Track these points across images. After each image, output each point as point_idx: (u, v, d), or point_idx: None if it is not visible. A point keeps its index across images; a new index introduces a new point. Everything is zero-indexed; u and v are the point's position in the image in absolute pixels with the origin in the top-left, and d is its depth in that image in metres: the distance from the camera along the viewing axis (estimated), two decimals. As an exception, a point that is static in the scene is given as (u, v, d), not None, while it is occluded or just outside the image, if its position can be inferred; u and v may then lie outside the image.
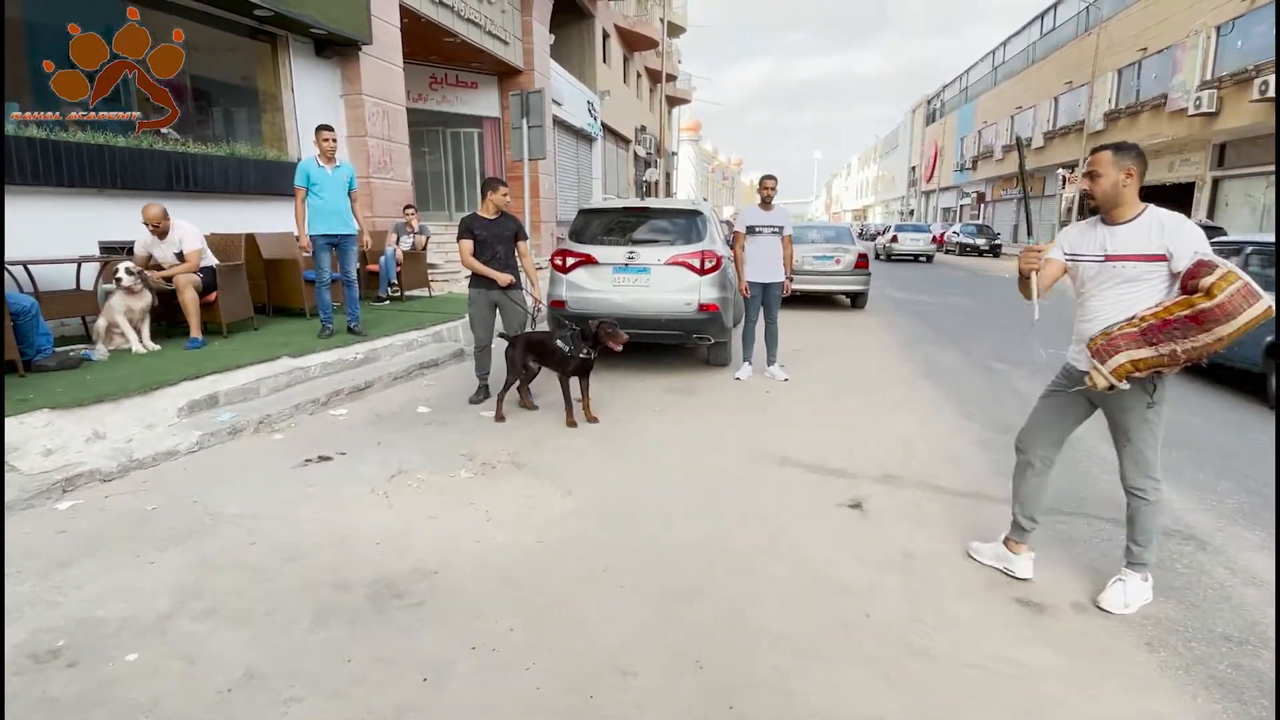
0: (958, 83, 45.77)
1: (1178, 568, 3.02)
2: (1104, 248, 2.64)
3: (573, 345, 4.89)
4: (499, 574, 2.90)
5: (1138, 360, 2.47)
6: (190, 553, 3.05)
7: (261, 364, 5.47)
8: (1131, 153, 2.59)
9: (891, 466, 4.21)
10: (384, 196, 10.35)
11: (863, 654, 2.41)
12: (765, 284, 6.25)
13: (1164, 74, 21.80)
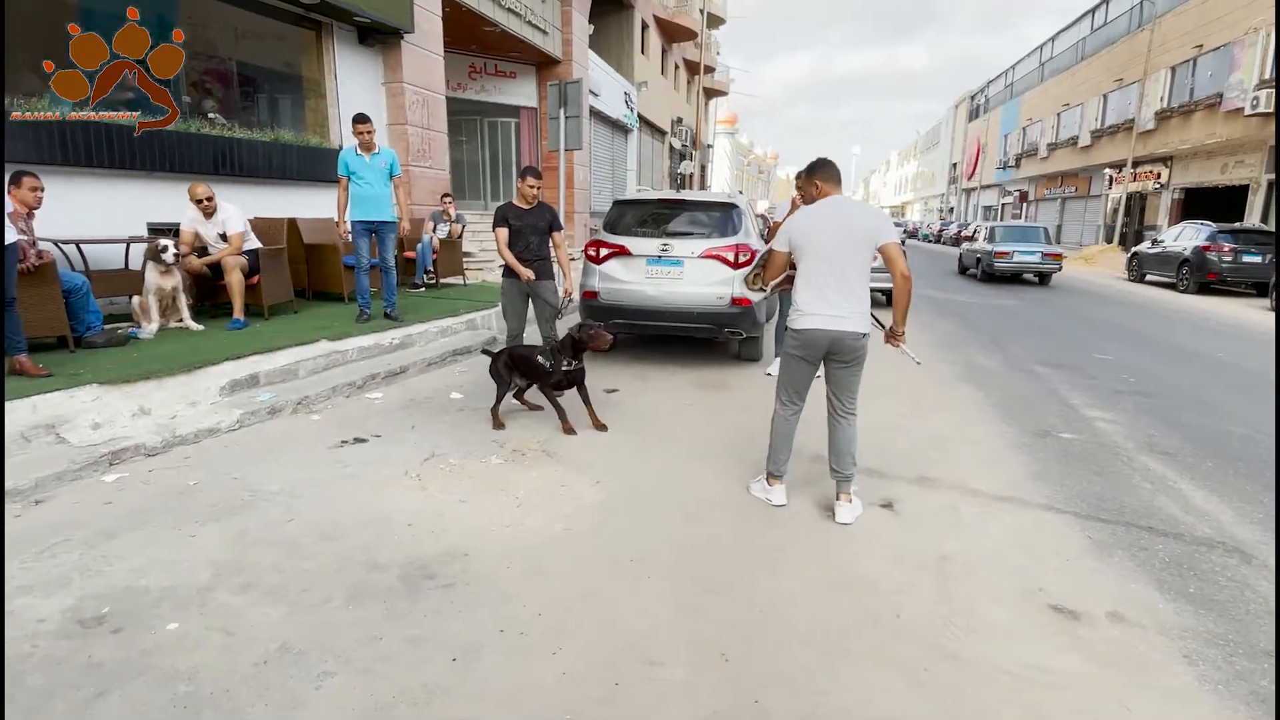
0: (1003, 78, 44.72)
1: (1220, 580, 2.94)
2: None
3: (552, 359, 4.62)
4: (528, 559, 2.93)
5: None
6: (230, 528, 3.13)
7: (301, 346, 5.59)
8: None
9: (926, 468, 4.15)
10: (422, 185, 10.47)
11: (891, 655, 2.38)
12: None
13: (1220, 72, 21.05)
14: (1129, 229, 27.32)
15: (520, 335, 5.44)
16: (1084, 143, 30.44)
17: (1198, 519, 3.53)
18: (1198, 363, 7.69)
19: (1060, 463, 4.32)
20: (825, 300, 3.31)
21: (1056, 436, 4.85)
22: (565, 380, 4.64)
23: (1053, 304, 13.01)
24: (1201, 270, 15.21)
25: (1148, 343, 8.91)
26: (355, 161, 6.37)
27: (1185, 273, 15.71)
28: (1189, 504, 3.72)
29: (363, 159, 6.37)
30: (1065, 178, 34.01)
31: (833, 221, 3.28)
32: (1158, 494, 3.86)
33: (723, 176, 62.52)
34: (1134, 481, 4.05)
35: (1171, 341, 9.08)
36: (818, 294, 3.33)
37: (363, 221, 6.46)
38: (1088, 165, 30.65)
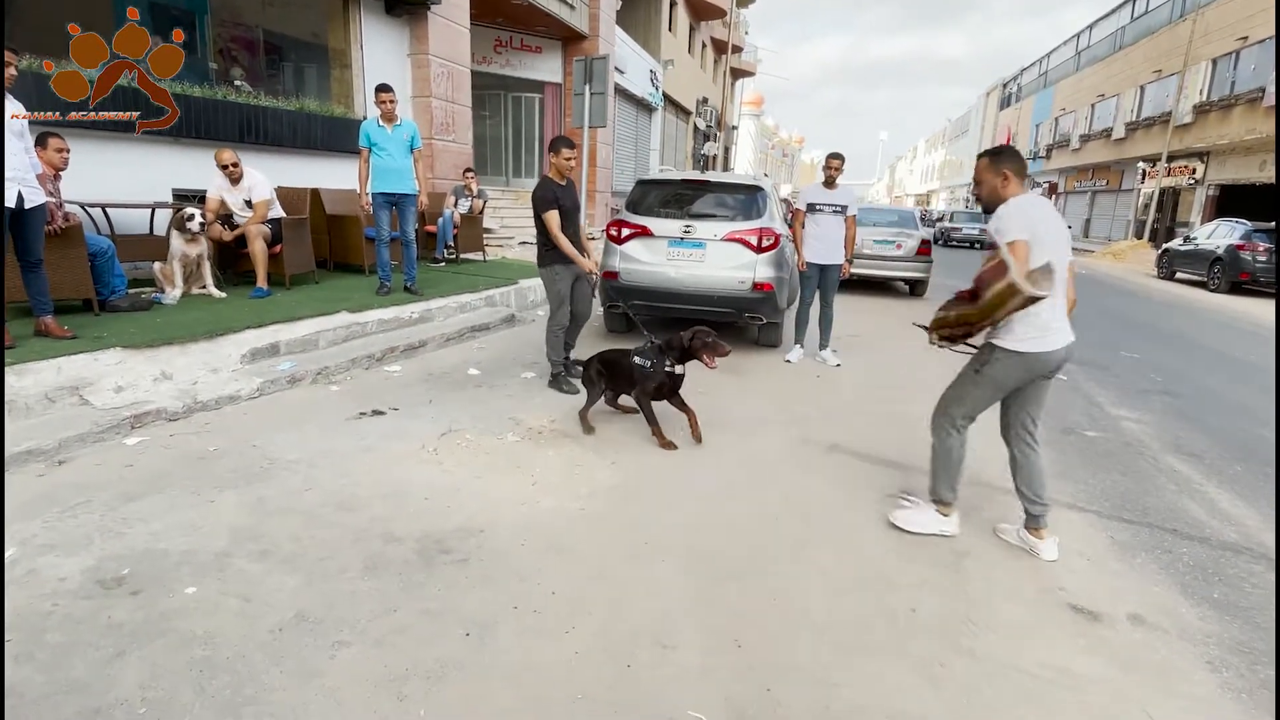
0: (1036, 66, 43.72)
1: (1245, 587, 2.88)
2: None
3: (653, 360, 4.07)
4: (543, 538, 2.93)
5: (936, 319, 3.07)
6: (248, 495, 3.15)
7: (321, 317, 5.61)
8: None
9: (944, 460, 4.09)
10: (444, 159, 10.44)
11: (907, 650, 2.36)
12: (824, 265, 6.08)
13: (1264, 66, 20.42)
14: (1160, 225, 26.74)
15: (575, 324, 5.12)
16: (1118, 135, 29.75)
17: (1224, 523, 3.46)
18: (1228, 364, 7.53)
19: (1084, 461, 4.26)
20: (1058, 312, 2.91)
21: (1081, 434, 4.77)
22: (666, 385, 4.12)
23: (1081, 300, 12.68)
24: (1234, 269, 14.89)
25: (1177, 342, 8.74)
26: (377, 133, 6.34)
27: (1217, 271, 15.39)
28: (1215, 507, 3.65)
29: (384, 130, 6.34)
30: (1096, 170, 33.30)
31: (1053, 218, 2.89)
32: (1183, 496, 3.78)
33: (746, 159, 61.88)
34: (1159, 482, 3.97)
35: (1201, 341, 8.90)
36: (1056, 306, 2.87)
37: (384, 194, 6.44)
38: (1120, 158, 29.96)
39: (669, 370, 4.07)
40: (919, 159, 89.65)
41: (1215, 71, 23.44)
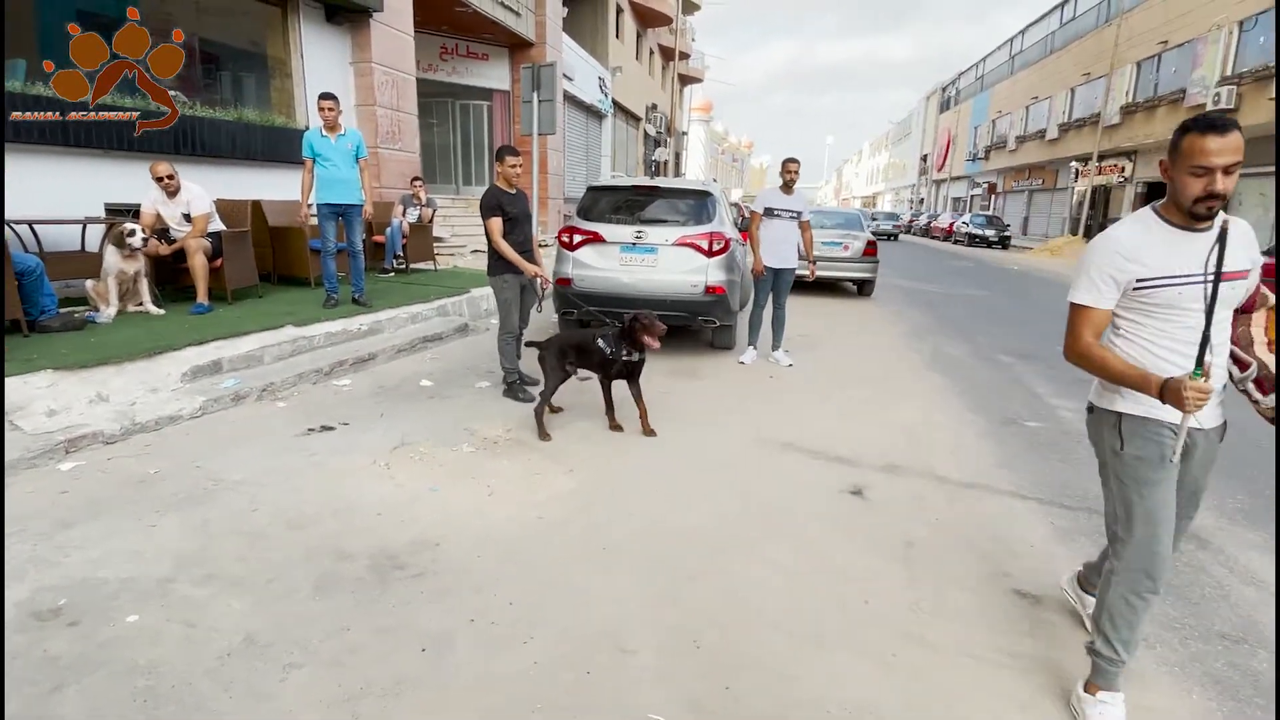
0: (974, 70, 45.19)
1: (1178, 565, 3.01)
2: (1210, 264, 1.91)
3: (614, 346, 4.33)
4: (500, 548, 2.91)
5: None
6: (192, 517, 3.05)
7: (266, 332, 5.47)
8: None
9: (895, 455, 4.20)
10: (391, 167, 10.29)
11: (860, 640, 2.41)
12: (778, 269, 6.19)
13: (1184, 68, 21.51)
14: (1093, 221, 27.88)
15: (521, 334, 5.12)
16: (1051, 136, 30.95)
17: (1156, 505, 3.62)
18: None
19: (1026, 450, 4.41)
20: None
21: (1022, 425, 4.94)
22: (624, 369, 4.39)
23: (1019, 295, 13.24)
24: (1162, 263, 15.56)
25: (1110, 333, 9.11)
26: (320, 143, 6.22)
27: (1146, 265, 16.06)
28: (1148, 491, 3.82)
29: (328, 140, 6.23)
30: (1033, 170, 34.56)
31: None
32: (1118, 481, 3.95)
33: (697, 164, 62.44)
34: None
35: (1133, 332, 9.29)
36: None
37: (329, 204, 6.33)
38: (1054, 158, 31.17)
39: (628, 358, 4.33)
40: (864, 161, 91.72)
41: (1140, 74, 24.57)
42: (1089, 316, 2.06)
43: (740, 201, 26.32)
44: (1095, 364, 2.05)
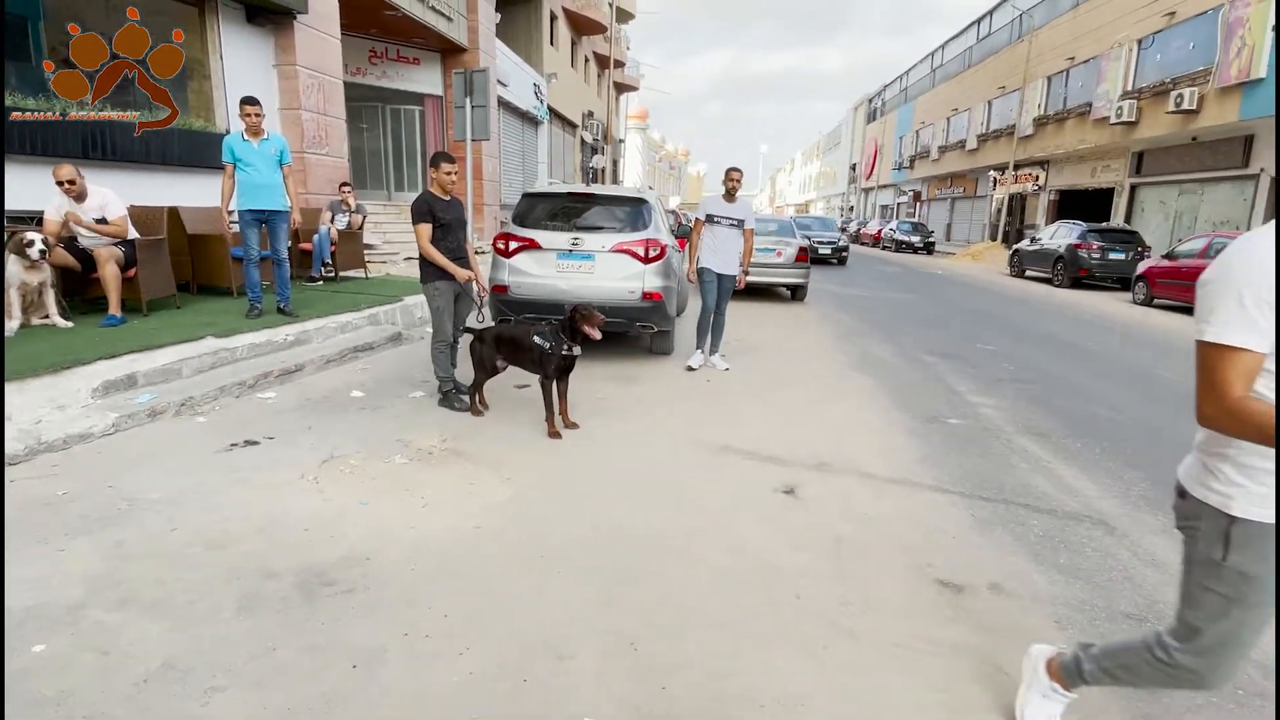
0: (898, 83, 46.90)
1: (1087, 550, 3.20)
2: None
3: (553, 341, 4.36)
4: (434, 560, 2.87)
5: None
6: (104, 540, 2.90)
7: (184, 344, 5.24)
8: None
9: (826, 454, 4.32)
10: (318, 173, 10.01)
11: (792, 635, 2.47)
12: (720, 274, 6.30)
13: (1089, 83, 22.83)
14: (1011, 227, 29.29)
15: (456, 342, 5.06)
16: (971, 146, 32.37)
17: (1067, 495, 3.84)
18: (1070, 352, 8.34)
19: (947, 446, 4.60)
20: None
21: (944, 422, 5.15)
22: (563, 364, 4.44)
23: (942, 298, 13.79)
24: (1074, 266, 16.50)
25: (1027, 334, 9.59)
26: (242, 148, 6.02)
27: (1060, 268, 16.99)
28: (1060, 482, 4.04)
29: (250, 145, 6.03)
30: (954, 179, 36.05)
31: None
32: (1033, 473, 4.17)
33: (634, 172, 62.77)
34: (1012, 462, 4.35)
35: (1048, 332, 9.81)
36: None
37: (251, 211, 6.12)
38: (974, 167, 32.60)
39: (565, 352, 4.40)
40: (797, 170, 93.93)
41: (1050, 88, 25.95)
42: (1241, 361, 1.40)
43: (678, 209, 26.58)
44: (1253, 428, 1.38)
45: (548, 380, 4.46)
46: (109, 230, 5.65)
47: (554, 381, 4.47)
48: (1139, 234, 17.40)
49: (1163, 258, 13.95)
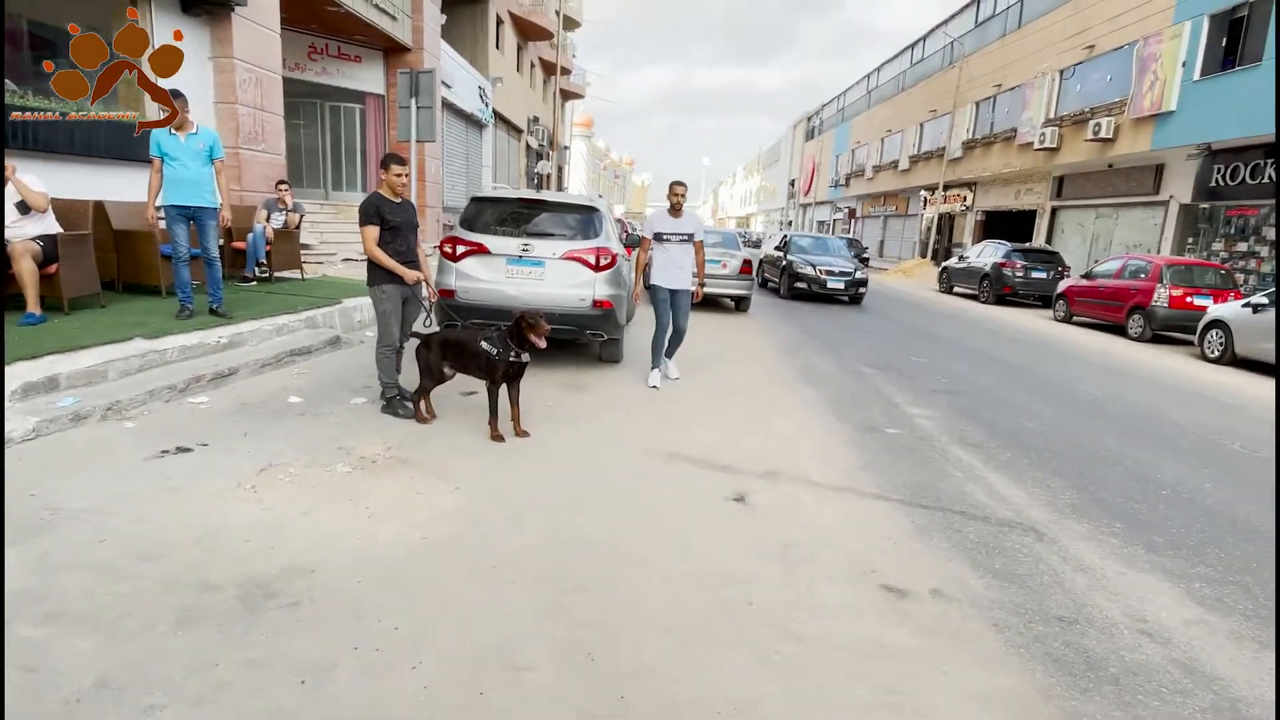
0: (835, 103, 48.30)
1: (1019, 556, 3.37)
2: None
3: (500, 347, 4.33)
4: (382, 572, 2.81)
5: None
6: (27, 551, 2.73)
7: (111, 345, 4.98)
8: None
9: (773, 462, 4.41)
10: (254, 169, 9.67)
11: (744, 640, 2.52)
12: (674, 289, 6.21)
13: (1015, 110, 24.04)
14: (940, 245, 30.53)
15: (403, 347, 4.96)
16: (903, 166, 33.59)
17: (1000, 503, 4.03)
18: (996, 365, 8.74)
19: (887, 455, 4.76)
20: None
21: (883, 432, 5.33)
22: (510, 371, 4.40)
23: (877, 313, 14.24)
24: (999, 284, 17.30)
25: (957, 347, 10.00)
26: (169, 142, 5.79)
27: (986, 285, 17.78)
28: (993, 490, 4.23)
29: (177, 139, 5.81)
30: (887, 197, 37.32)
31: None
32: (968, 482, 4.35)
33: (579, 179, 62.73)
34: (948, 471, 4.54)
35: (976, 347, 10.25)
36: None
37: (178, 207, 5.89)
38: (906, 187, 33.84)
39: (513, 359, 4.37)
40: (739, 184, 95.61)
41: (978, 113, 27.19)
42: None
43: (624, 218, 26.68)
44: None
45: (494, 386, 4.45)
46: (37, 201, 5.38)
47: (500, 387, 4.45)
48: (1059, 254, 18.39)
49: (1081, 277, 14.76)
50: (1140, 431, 5.89)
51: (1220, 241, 16.70)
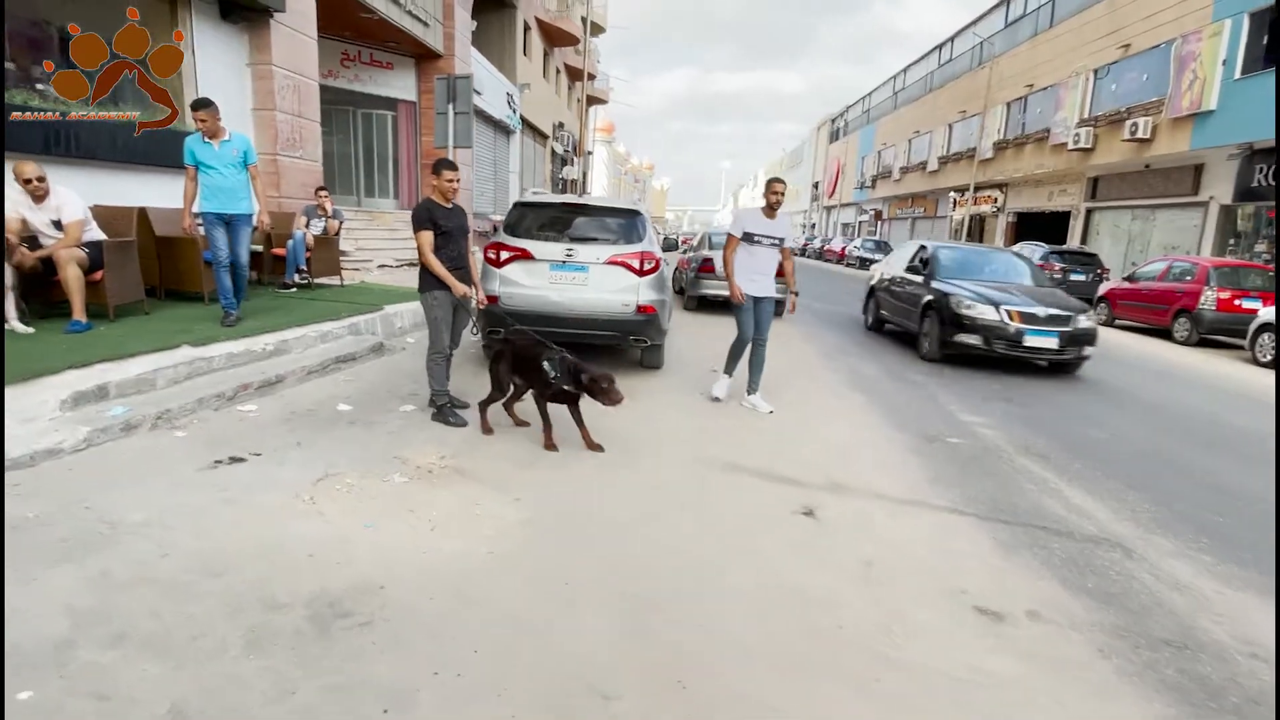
0: (861, 104, 47.90)
1: (1111, 575, 3.18)
2: None
3: (559, 372, 4.24)
4: (452, 589, 2.69)
5: None
6: (88, 568, 2.66)
7: (158, 353, 4.95)
8: None
9: (836, 474, 4.25)
10: (291, 176, 9.68)
11: (839, 667, 2.37)
12: (758, 298, 5.56)
13: (1048, 110, 23.59)
14: (971, 248, 29.99)
15: (452, 353, 4.87)
16: (932, 167, 33.15)
17: (1081, 518, 3.83)
18: (1045, 371, 8.46)
19: (953, 466, 4.57)
20: None
21: (944, 441, 5.14)
22: (560, 396, 4.32)
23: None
24: (1037, 287, 16.90)
25: (1002, 352, 9.70)
26: (202, 149, 5.78)
27: (1023, 289, 17.37)
28: (1070, 504, 4.04)
29: (210, 146, 5.79)
30: (915, 199, 36.87)
31: None
32: (1043, 495, 4.16)
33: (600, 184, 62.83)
34: (1020, 483, 4.34)
35: (1021, 351, 9.94)
36: None
37: (215, 213, 5.89)
38: (935, 188, 33.39)
39: (566, 390, 4.26)
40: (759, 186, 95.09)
41: (1009, 114, 26.74)
42: None
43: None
44: None
45: (541, 401, 4.40)
46: (64, 241, 5.29)
47: (547, 401, 4.39)
48: (1098, 256, 17.96)
49: (1124, 280, 14.38)
50: (1204, 439, 5.64)
51: (1264, 243, 16.20)
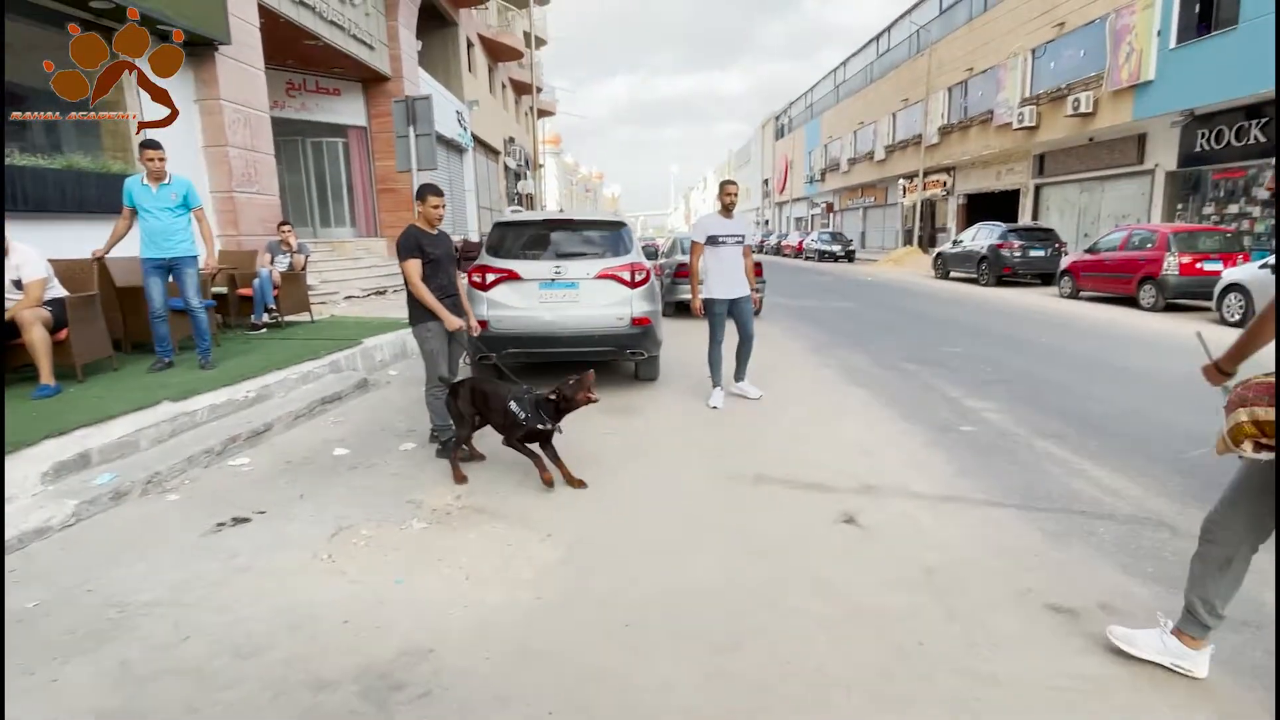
0: (803, 100, 48.56)
1: (1167, 556, 3.13)
2: None
3: (529, 412, 3.94)
4: (507, 644, 2.51)
5: (1263, 422, 1.94)
6: (104, 660, 2.41)
7: (138, 411, 4.64)
8: None
9: (864, 475, 4.16)
10: (249, 213, 9.32)
11: (934, 689, 2.26)
12: (734, 299, 5.74)
13: (989, 92, 24.15)
14: (924, 232, 30.62)
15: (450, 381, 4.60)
16: (879, 157, 33.72)
17: (1115, 498, 3.80)
18: (1031, 349, 8.55)
19: (975, 456, 4.53)
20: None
21: (958, 431, 5.10)
22: (530, 436, 4.00)
23: (884, 304, 14.08)
24: (998, 265, 17.25)
25: (981, 333, 9.83)
26: (140, 192, 5.59)
27: (984, 268, 17.71)
28: (1100, 484, 4.01)
29: (149, 190, 5.59)
30: (865, 189, 37.46)
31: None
32: (1071, 478, 4.12)
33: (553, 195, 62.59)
34: (1044, 468, 4.31)
35: (999, 331, 10.09)
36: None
37: (150, 259, 5.67)
38: (884, 177, 33.97)
39: (541, 427, 3.96)
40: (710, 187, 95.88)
41: (952, 98, 27.34)
42: None
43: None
44: None
45: (508, 444, 4.06)
46: (25, 302, 4.93)
47: (517, 446, 4.04)
48: (1055, 231, 18.38)
49: (1085, 252, 14.70)
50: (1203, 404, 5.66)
51: (1210, 205, 16.77)
